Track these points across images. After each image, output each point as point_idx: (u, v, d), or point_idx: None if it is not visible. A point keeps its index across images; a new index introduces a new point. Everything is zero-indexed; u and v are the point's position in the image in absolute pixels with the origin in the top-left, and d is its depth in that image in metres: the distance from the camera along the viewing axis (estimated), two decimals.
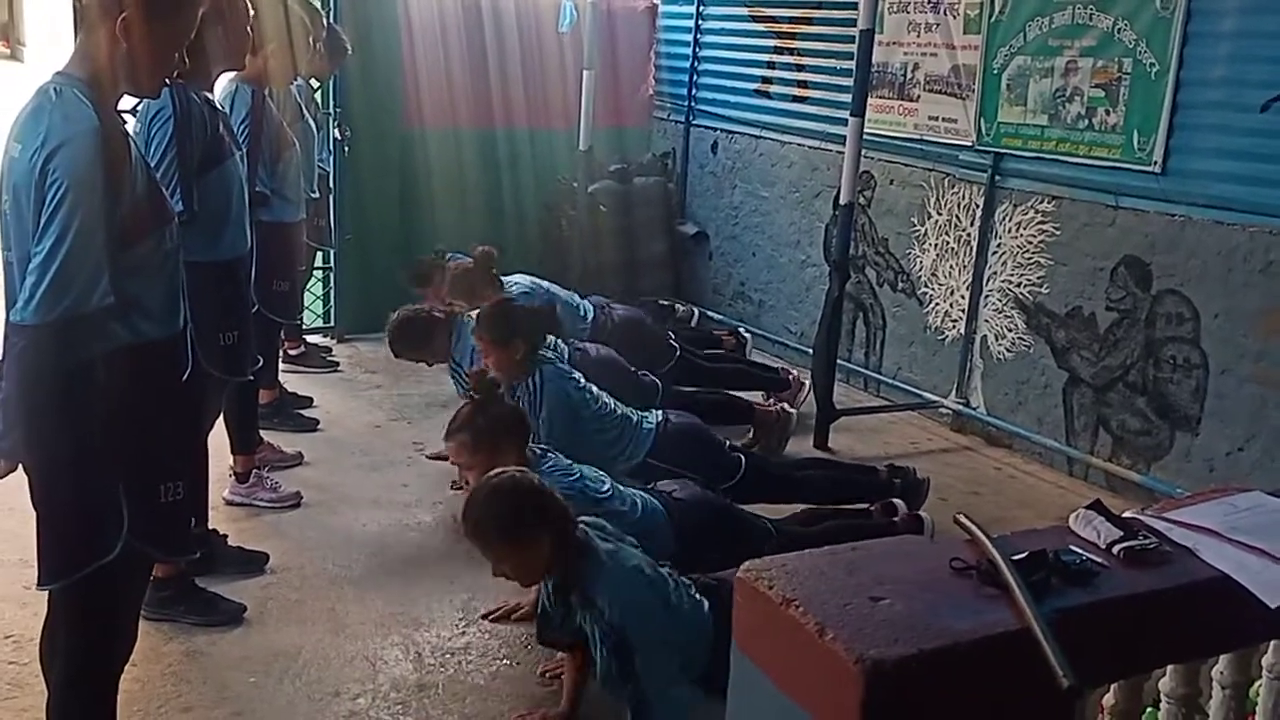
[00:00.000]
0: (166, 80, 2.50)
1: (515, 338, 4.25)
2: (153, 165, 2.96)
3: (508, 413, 3.54)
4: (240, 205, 3.58)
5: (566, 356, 4.69)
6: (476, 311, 4.67)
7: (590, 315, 5.49)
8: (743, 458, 4.27)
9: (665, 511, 3.59)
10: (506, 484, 2.88)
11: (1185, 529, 1.60)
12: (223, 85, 4.06)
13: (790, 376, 5.70)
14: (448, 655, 3.46)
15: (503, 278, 5.44)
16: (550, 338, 4.70)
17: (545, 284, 5.60)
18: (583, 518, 3.00)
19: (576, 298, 5.65)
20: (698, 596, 3.03)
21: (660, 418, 4.32)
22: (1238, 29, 4.35)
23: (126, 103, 2.50)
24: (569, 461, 3.59)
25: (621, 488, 3.64)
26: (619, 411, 4.29)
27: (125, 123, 2.46)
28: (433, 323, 4.89)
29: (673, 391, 4.97)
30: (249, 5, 3.67)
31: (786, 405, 5.34)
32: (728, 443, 4.37)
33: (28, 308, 2.22)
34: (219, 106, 3.61)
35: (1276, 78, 4.21)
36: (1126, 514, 1.64)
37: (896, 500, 4.25)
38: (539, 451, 3.56)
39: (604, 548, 2.90)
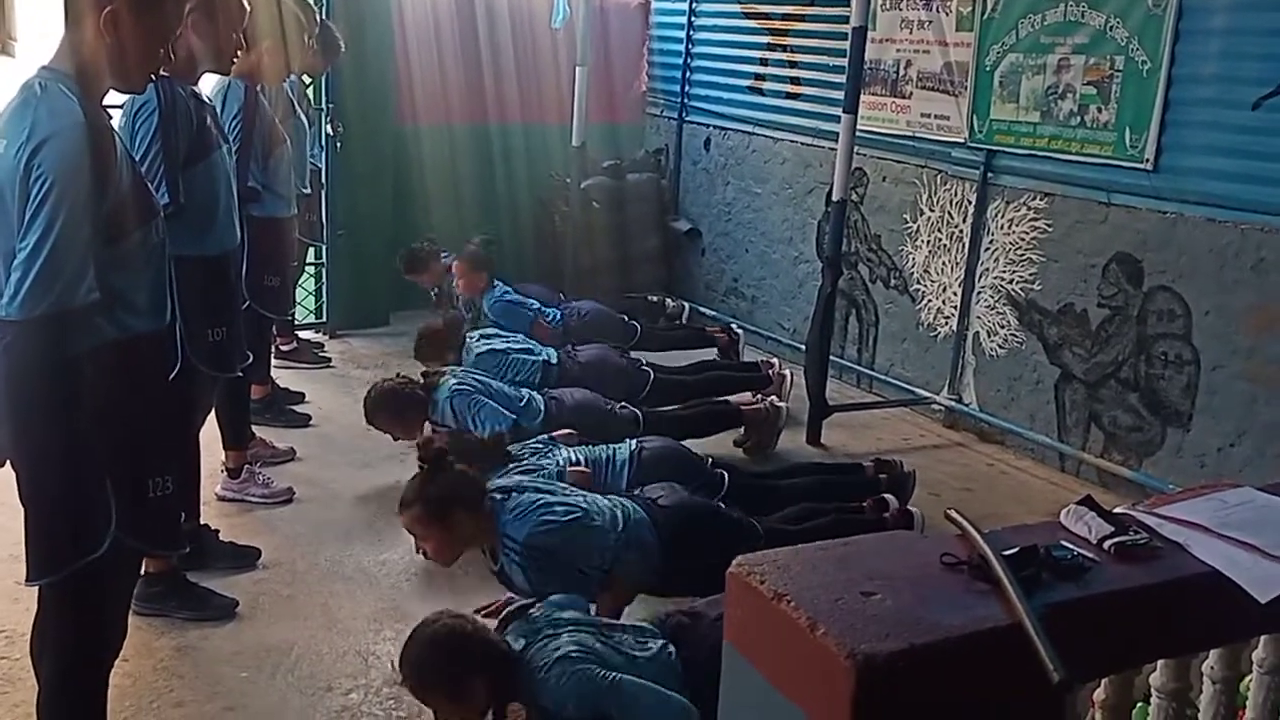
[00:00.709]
0: (153, 75, 2.49)
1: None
2: (138, 158, 2.95)
3: (457, 479, 3.41)
4: (228, 199, 3.56)
5: (541, 408, 4.65)
6: (450, 381, 4.66)
7: (554, 359, 5.26)
8: (725, 474, 4.22)
9: (650, 520, 3.56)
10: (441, 636, 2.78)
11: (1176, 525, 1.60)
12: (216, 80, 4.06)
13: (770, 370, 5.66)
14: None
15: (470, 335, 5.32)
16: (526, 392, 4.73)
17: (503, 343, 5.31)
18: (514, 623, 2.92)
19: (537, 348, 5.35)
20: (658, 647, 2.92)
21: (634, 447, 4.21)
22: (1229, 26, 4.36)
23: (112, 97, 2.49)
24: (535, 495, 3.44)
25: (601, 501, 3.56)
26: (580, 460, 4.12)
27: (111, 117, 2.45)
28: (410, 400, 4.67)
29: (654, 417, 4.88)
30: (244, 4, 3.66)
31: (775, 399, 5.32)
32: (709, 459, 4.32)
33: (13, 303, 2.21)
34: (205, 100, 3.59)
35: (1268, 75, 4.22)
36: (1118, 510, 1.64)
37: (887, 496, 4.25)
38: (498, 498, 3.43)
39: (538, 663, 2.78)
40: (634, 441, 4.29)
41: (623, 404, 4.88)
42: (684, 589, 3.39)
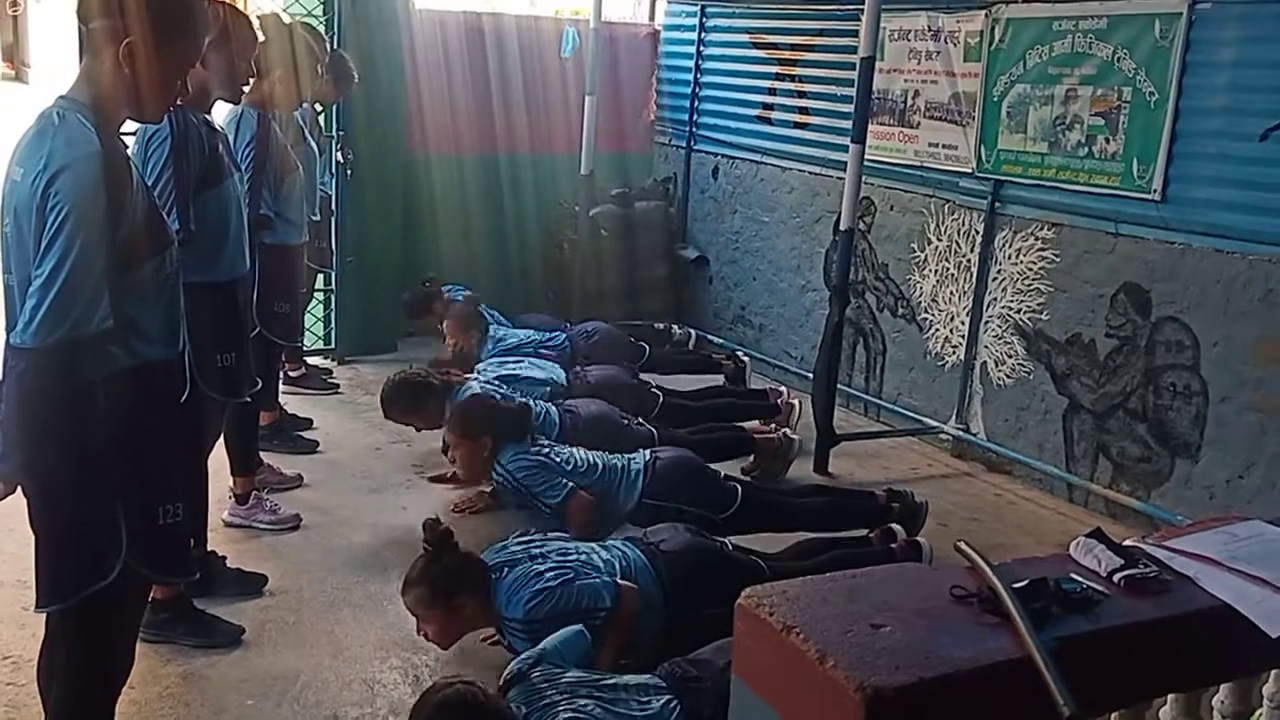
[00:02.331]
0: (169, 105, 2.52)
1: (484, 435, 4.26)
2: (150, 185, 2.97)
3: (462, 561, 3.40)
4: (239, 226, 3.59)
5: (557, 420, 4.68)
6: (474, 386, 4.72)
7: (563, 381, 5.35)
8: (739, 488, 4.24)
9: (651, 566, 3.55)
10: (452, 701, 2.80)
11: (1186, 558, 1.60)
12: (229, 109, 4.09)
13: (779, 400, 5.66)
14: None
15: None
16: (541, 405, 4.75)
17: (515, 367, 5.44)
18: (515, 687, 2.90)
19: (551, 368, 5.48)
20: (659, 704, 2.90)
21: (649, 456, 4.28)
22: (1236, 58, 4.38)
23: (125, 124, 2.51)
24: (526, 566, 3.42)
25: (599, 552, 3.56)
26: (600, 464, 4.24)
27: (127, 146, 2.47)
28: (428, 389, 4.81)
29: (668, 436, 4.89)
30: (255, 34, 3.70)
31: (789, 431, 5.32)
32: (723, 473, 4.34)
33: (28, 330, 2.23)
34: (217, 128, 3.62)
35: (1275, 107, 4.24)
36: (1127, 542, 1.64)
37: (895, 526, 4.24)
38: (495, 578, 3.41)
39: None
40: (648, 451, 4.31)
41: (639, 419, 4.90)
42: (690, 632, 3.31)
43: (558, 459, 4.24)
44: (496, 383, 4.99)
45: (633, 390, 5.36)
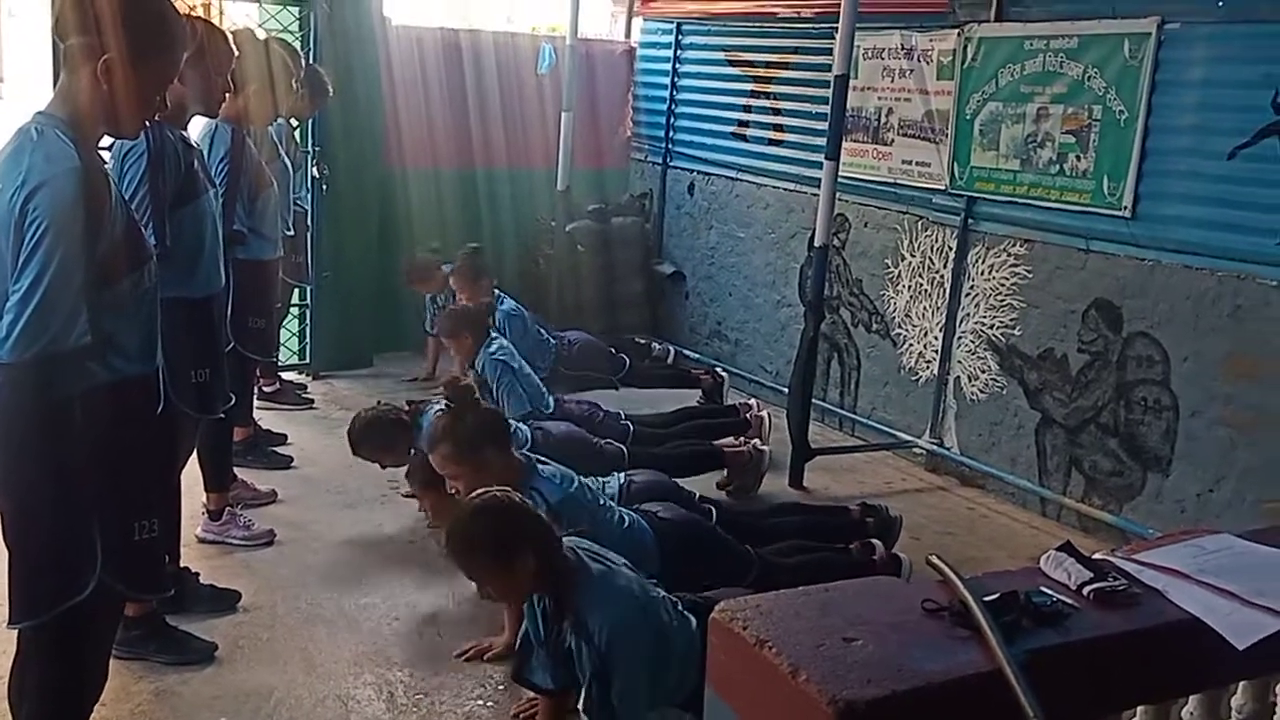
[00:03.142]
0: (146, 121, 2.52)
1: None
2: (126, 201, 2.97)
3: (486, 416, 3.49)
4: (214, 242, 3.58)
5: (528, 438, 4.66)
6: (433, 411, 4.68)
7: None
8: (713, 510, 4.25)
9: (651, 530, 3.60)
10: (490, 504, 2.86)
11: (1155, 571, 1.62)
12: (203, 124, 4.08)
13: (749, 414, 5.64)
14: (421, 695, 3.43)
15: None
16: (513, 424, 4.71)
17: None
18: (569, 537, 2.98)
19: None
20: (686, 614, 3.02)
21: (623, 480, 4.26)
22: (1205, 78, 4.44)
23: (104, 141, 2.51)
24: (559, 468, 3.57)
25: (610, 502, 3.64)
26: (575, 480, 4.18)
27: (105, 162, 2.47)
28: (397, 426, 4.63)
29: (638, 454, 4.87)
30: (231, 49, 3.70)
31: (758, 443, 5.33)
32: (697, 495, 4.35)
33: (4, 345, 2.22)
34: (193, 143, 3.62)
35: (1243, 125, 4.29)
36: (1097, 555, 1.66)
37: (875, 541, 4.25)
38: (530, 458, 3.53)
39: (594, 567, 2.88)
40: (623, 475, 4.32)
41: (608, 439, 4.89)
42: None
43: (541, 467, 4.20)
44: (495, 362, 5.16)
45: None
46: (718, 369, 6.48)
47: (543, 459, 3.64)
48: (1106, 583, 1.54)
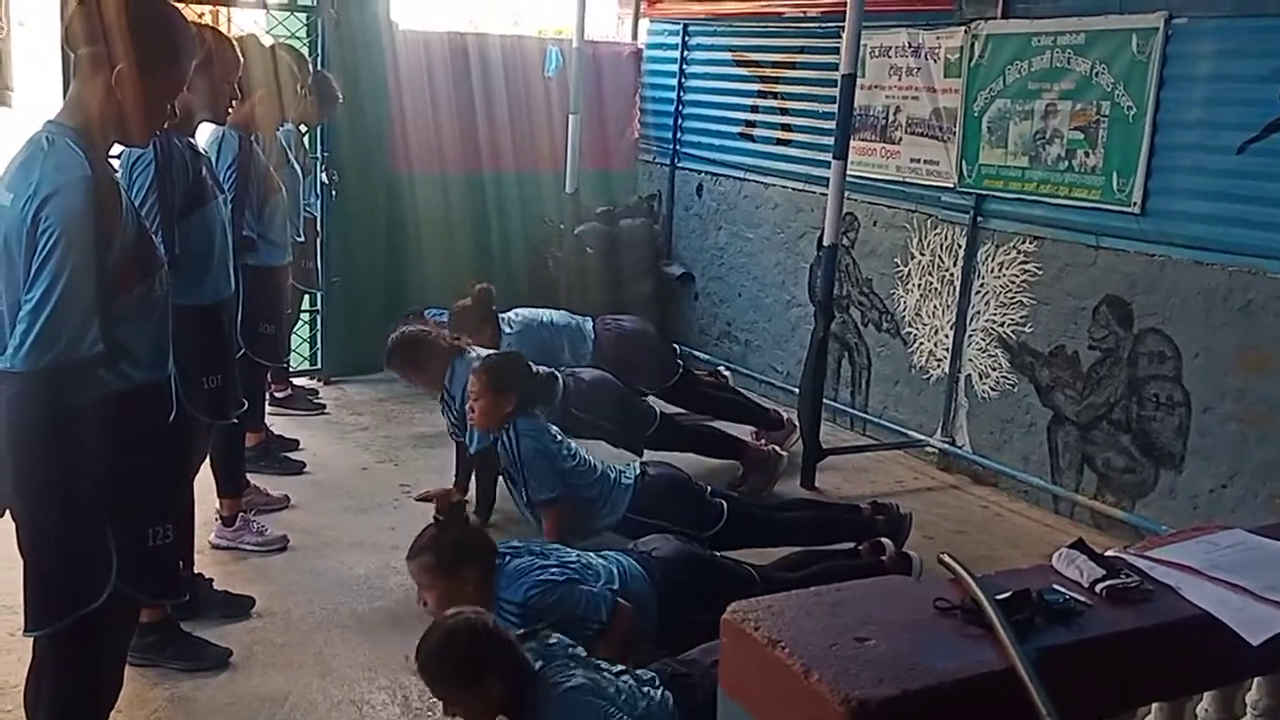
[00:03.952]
0: (156, 130, 2.53)
1: (511, 391, 4.25)
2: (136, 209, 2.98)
3: (471, 535, 3.42)
4: (223, 248, 3.59)
5: (560, 387, 4.70)
6: (483, 353, 4.69)
7: (591, 335, 5.57)
8: (724, 504, 4.25)
9: (645, 573, 3.57)
10: (461, 628, 2.81)
11: (1167, 567, 1.62)
12: (211, 130, 4.10)
13: (784, 418, 5.73)
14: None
15: (501, 314, 5.47)
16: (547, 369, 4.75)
17: (544, 315, 5.65)
18: (536, 646, 2.93)
19: (575, 319, 5.69)
20: (659, 694, 2.95)
21: (639, 470, 4.30)
22: (1213, 73, 4.43)
23: (114, 150, 2.52)
24: (530, 559, 3.45)
25: (595, 558, 3.57)
26: (598, 469, 4.26)
27: (116, 171, 2.48)
28: (434, 349, 4.80)
29: (666, 419, 4.93)
30: (238, 56, 3.71)
31: (778, 447, 5.35)
32: (709, 489, 4.35)
33: (17, 355, 2.23)
34: (201, 151, 3.63)
35: (1252, 120, 4.28)
36: (1109, 553, 1.65)
37: (884, 540, 4.25)
38: (503, 555, 3.45)
39: (558, 688, 2.82)
40: (638, 465, 4.33)
41: (643, 391, 4.94)
42: (680, 638, 3.35)
43: (565, 453, 4.23)
44: (521, 327, 5.20)
45: (658, 349, 5.67)
46: (720, 368, 6.49)
47: (510, 560, 3.45)
48: (1119, 580, 1.53)
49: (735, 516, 4.23)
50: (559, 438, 4.28)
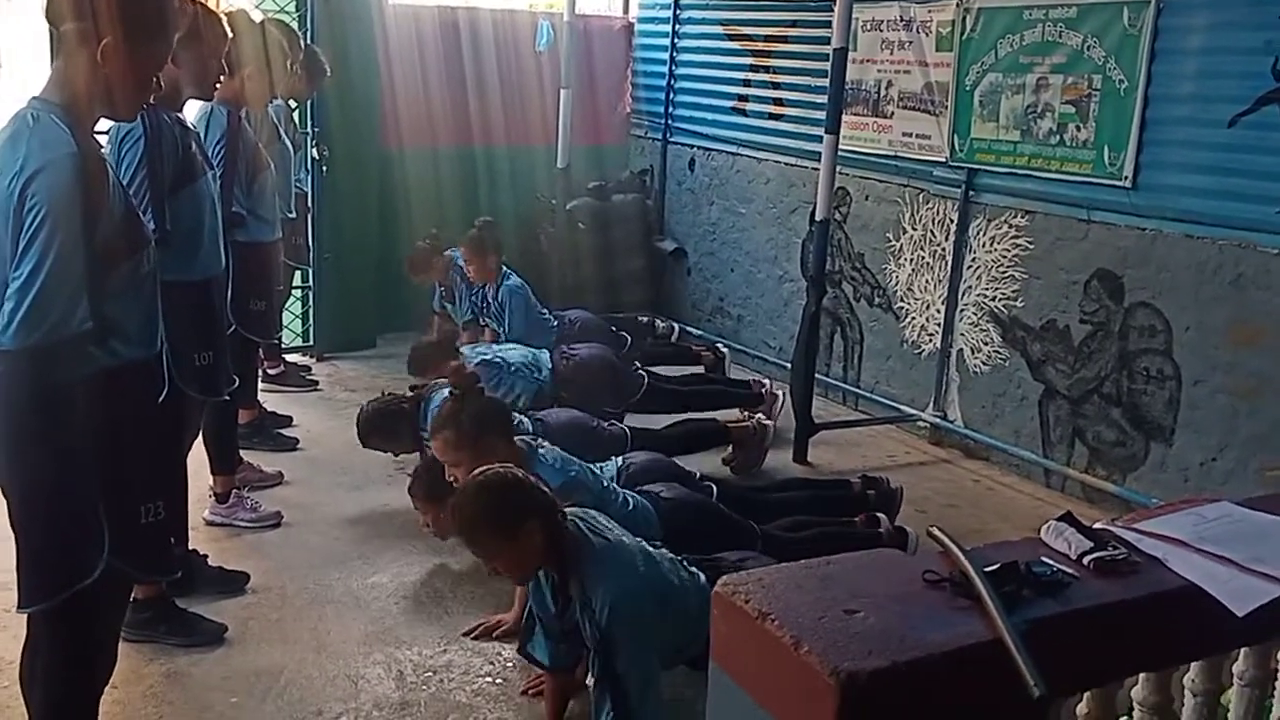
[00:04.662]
0: (143, 104, 2.52)
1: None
2: (125, 185, 2.97)
3: (490, 405, 3.51)
4: (213, 224, 3.58)
5: (529, 429, 4.65)
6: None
7: (547, 378, 5.24)
8: (714, 487, 4.25)
9: (655, 510, 3.62)
10: (493, 479, 2.87)
11: (1154, 539, 1.62)
12: (199, 107, 4.08)
13: (762, 389, 5.71)
14: (430, 673, 3.46)
15: (463, 349, 5.32)
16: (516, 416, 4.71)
17: (499, 355, 5.31)
18: (572, 509, 3.00)
19: (535, 365, 5.28)
20: (694, 570, 3.05)
21: (620, 463, 4.24)
22: (1204, 46, 4.42)
23: (101, 125, 2.51)
24: (561, 452, 3.58)
25: (612, 484, 3.65)
26: (576, 466, 4.20)
27: (102, 147, 2.47)
28: (400, 416, 4.68)
29: (641, 435, 4.88)
30: (225, 31, 3.69)
31: (762, 417, 5.34)
32: (697, 474, 4.35)
33: (6, 332, 2.22)
34: (190, 126, 3.61)
35: (1243, 93, 4.28)
36: (1097, 525, 1.67)
37: (879, 515, 4.27)
38: (531, 444, 3.55)
39: (596, 540, 2.89)
40: (620, 459, 4.31)
41: (611, 421, 4.90)
42: None
43: (541, 451, 4.21)
44: (481, 366, 4.94)
45: (617, 371, 5.39)
46: (719, 345, 6.49)
47: (543, 443, 3.64)
48: (1106, 552, 1.54)
49: (725, 499, 4.23)
50: (531, 439, 4.24)
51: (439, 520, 3.98)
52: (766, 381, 5.84)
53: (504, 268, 6.06)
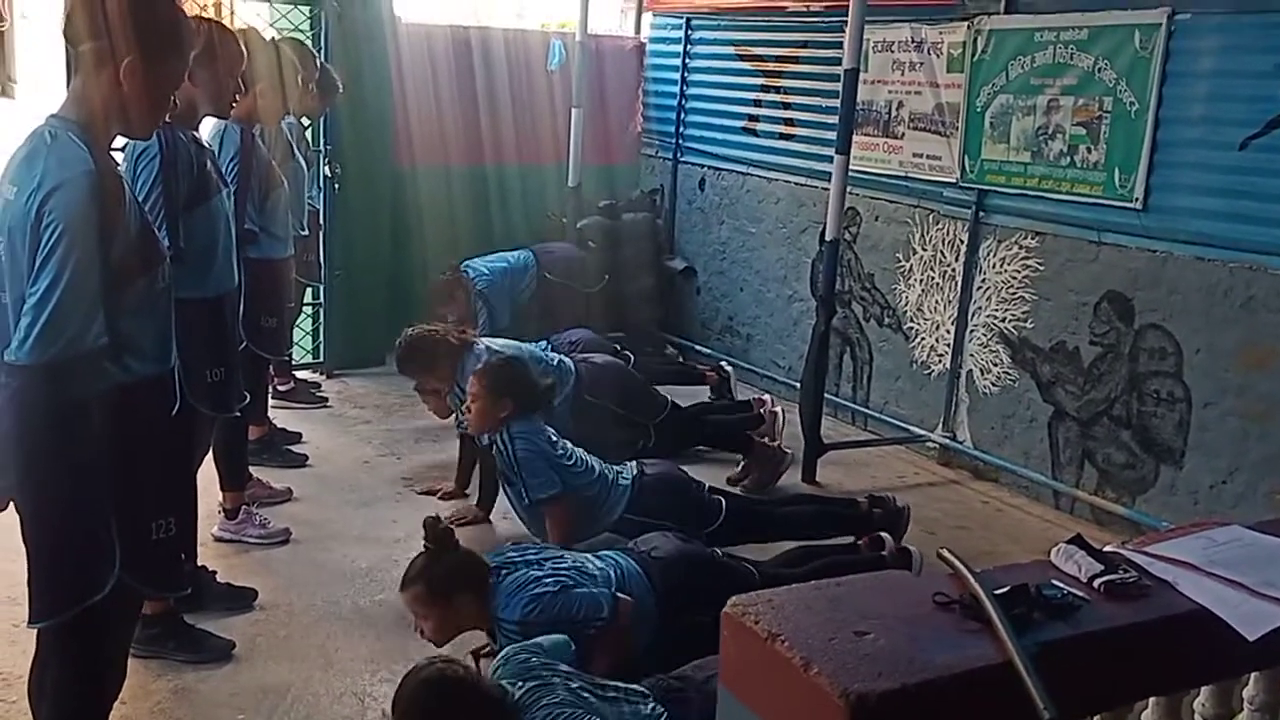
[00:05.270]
0: (160, 122, 2.54)
1: (507, 396, 4.23)
2: (140, 203, 2.99)
3: (462, 561, 3.39)
4: (227, 241, 3.60)
5: (573, 370, 4.70)
6: (493, 345, 4.72)
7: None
8: (723, 501, 4.26)
9: (644, 575, 3.55)
10: (434, 678, 2.78)
11: (1165, 563, 1.62)
12: (213, 124, 4.10)
13: (762, 409, 5.64)
14: None
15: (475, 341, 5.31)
16: (553, 355, 4.75)
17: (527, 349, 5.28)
18: (506, 666, 2.90)
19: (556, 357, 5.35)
20: (649, 708, 2.92)
21: (636, 470, 4.28)
22: (1215, 68, 4.43)
23: (117, 142, 2.53)
24: (524, 571, 3.40)
25: (592, 561, 3.56)
26: (596, 469, 4.25)
27: (119, 164, 2.48)
28: (443, 346, 4.82)
29: (675, 417, 4.92)
30: (241, 50, 3.71)
31: (783, 445, 5.35)
32: (707, 486, 4.36)
33: (22, 348, 2.24)
34: (205, 144, 3.64)
35: (1254, 116, 4.28)
36: (1107, 548, 1.66)
37: (884, 535, 4.26)
38: (493, 580, 3.38)
39: (533, 712, 2.76)
40: (635, 464, 4.33)
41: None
42: (678, 644, 3.31)
43: (559, 453, 4.21)
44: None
45: (640, 388, 5.47)
46: (723, 364, 6.48)
47: (497, 571, 3.40)
48: (1117, 575, 1.54)
49: (734, 513, 4.24)
50: (554, 438, 4.27)
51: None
52: (767, 398, 5.81)
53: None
